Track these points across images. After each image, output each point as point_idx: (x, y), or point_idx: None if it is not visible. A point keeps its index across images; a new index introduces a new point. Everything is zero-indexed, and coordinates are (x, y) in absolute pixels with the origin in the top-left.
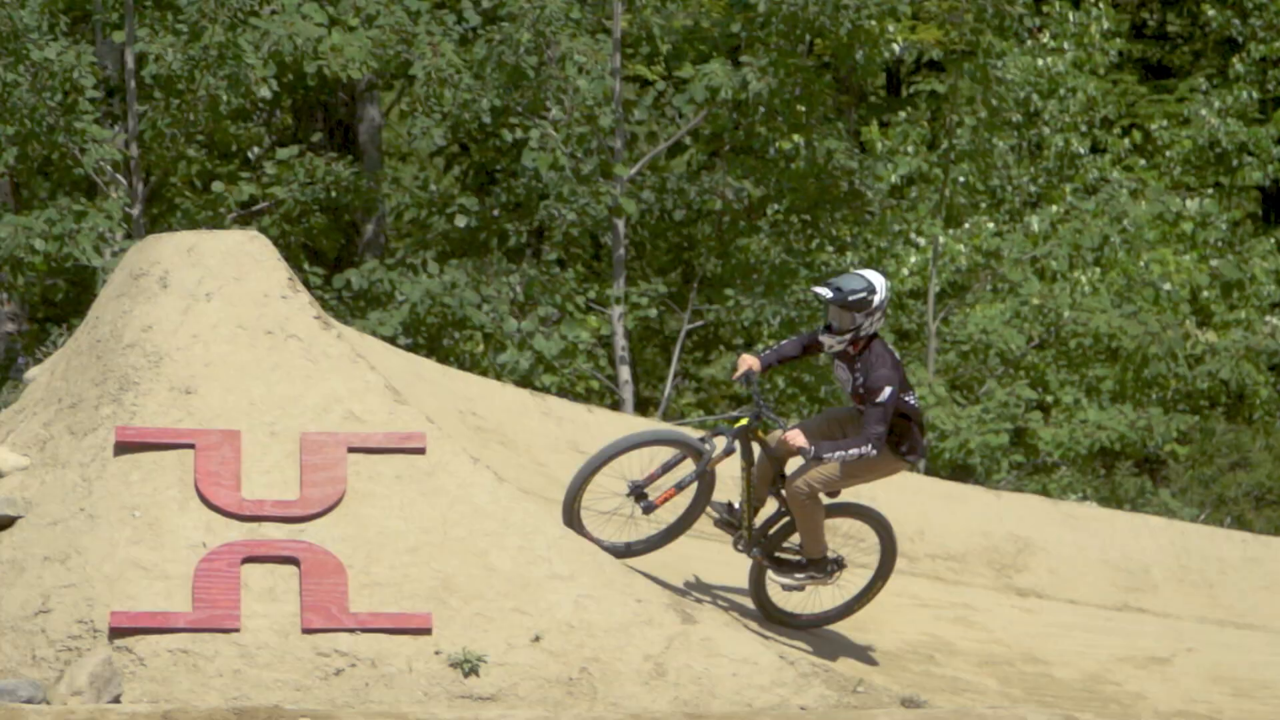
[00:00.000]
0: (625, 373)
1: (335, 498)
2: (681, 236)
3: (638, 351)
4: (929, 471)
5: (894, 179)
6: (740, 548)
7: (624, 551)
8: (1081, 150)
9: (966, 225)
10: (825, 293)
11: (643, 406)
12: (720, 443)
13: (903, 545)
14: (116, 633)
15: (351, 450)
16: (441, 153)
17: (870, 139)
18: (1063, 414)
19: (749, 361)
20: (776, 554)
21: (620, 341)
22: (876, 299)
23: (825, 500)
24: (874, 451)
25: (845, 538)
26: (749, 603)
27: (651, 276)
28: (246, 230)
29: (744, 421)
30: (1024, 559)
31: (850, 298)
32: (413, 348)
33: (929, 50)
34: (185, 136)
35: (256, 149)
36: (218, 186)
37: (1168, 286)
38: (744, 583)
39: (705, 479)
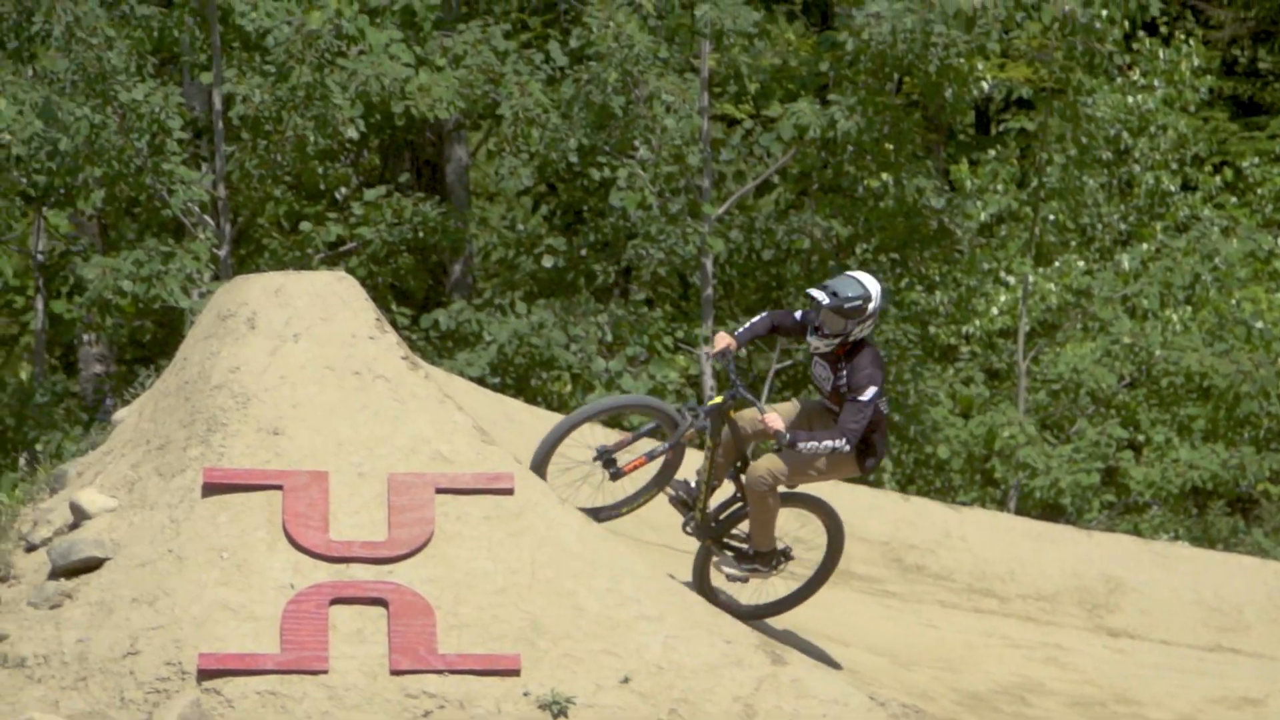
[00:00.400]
0: None
1: (423, 539)
2: (770, 275)
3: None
4: (1019, 511)
5: (983, 217)
6: (690, 529)
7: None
8: (1172, 188)
9: (1057, 264)
10: (821, 297)
11: None
12: (694, 417)
13: (993, 585)
14: (205, 674)
15: (439, 491)
16: (529, 192)
17: (959, 177)
18: (1154, 453)
19: (725, 340)
20: (725, 540)
21: (708, 381)
22: (871, 306)
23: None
24: (847, 447)
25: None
26: (837, 645)
27: (740, 316)
28: (334, 271)
29: (719, 400)
30: (1115, 599)
31: (846, 305)
32: (500, 388)
33: (1018, 88)
34: (272, 177)
35: (344, 189)
36: (305, 227)
37: (1260, 324)
38: (829, 624)
39: (674, 453)
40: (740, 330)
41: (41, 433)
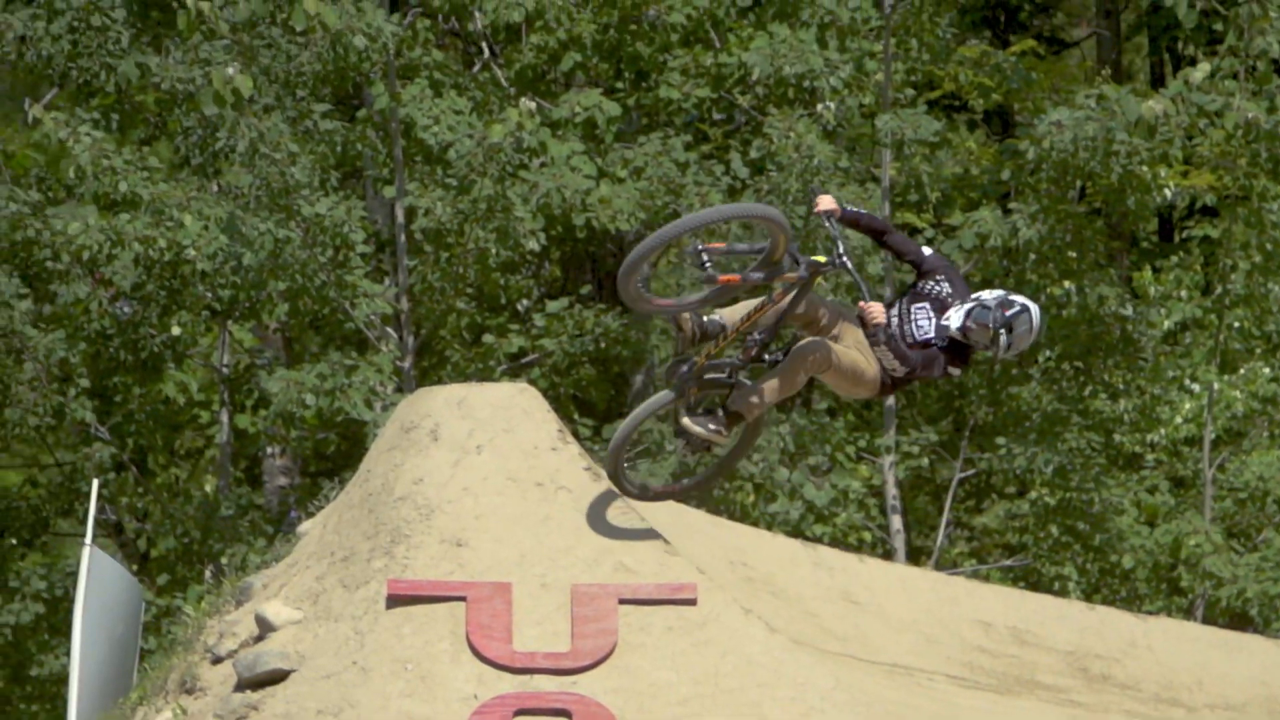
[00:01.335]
0: (897, 522)
1: (606, 649)
2: (952, 385)
3: (909, 500)
4: (1206, 620)
5: (1167, 325)
6: (682, 370)
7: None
8: None
9: (1242, 371)
10: (1003, 341)
11: (915, 556)
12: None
13: (1180, 695)
14: None
15: (623, 602)
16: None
17: (1143, 284)
18: None
19: (831, 203)
20: (703, 393)
21: (891, 490)
22: (1014, 351)
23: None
24: (909, 366)
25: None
26: None
27: (922, 425)
28: (516, 382)
29: (821, 259)
30: None
31: (1006, 351)
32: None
33: (1202, 195)
34: (455, 290)
35: (526, 301)
36: (487, 339)
37: None
38: None
39: (776, 295)
40: (851, 207)
41: (227, 545)
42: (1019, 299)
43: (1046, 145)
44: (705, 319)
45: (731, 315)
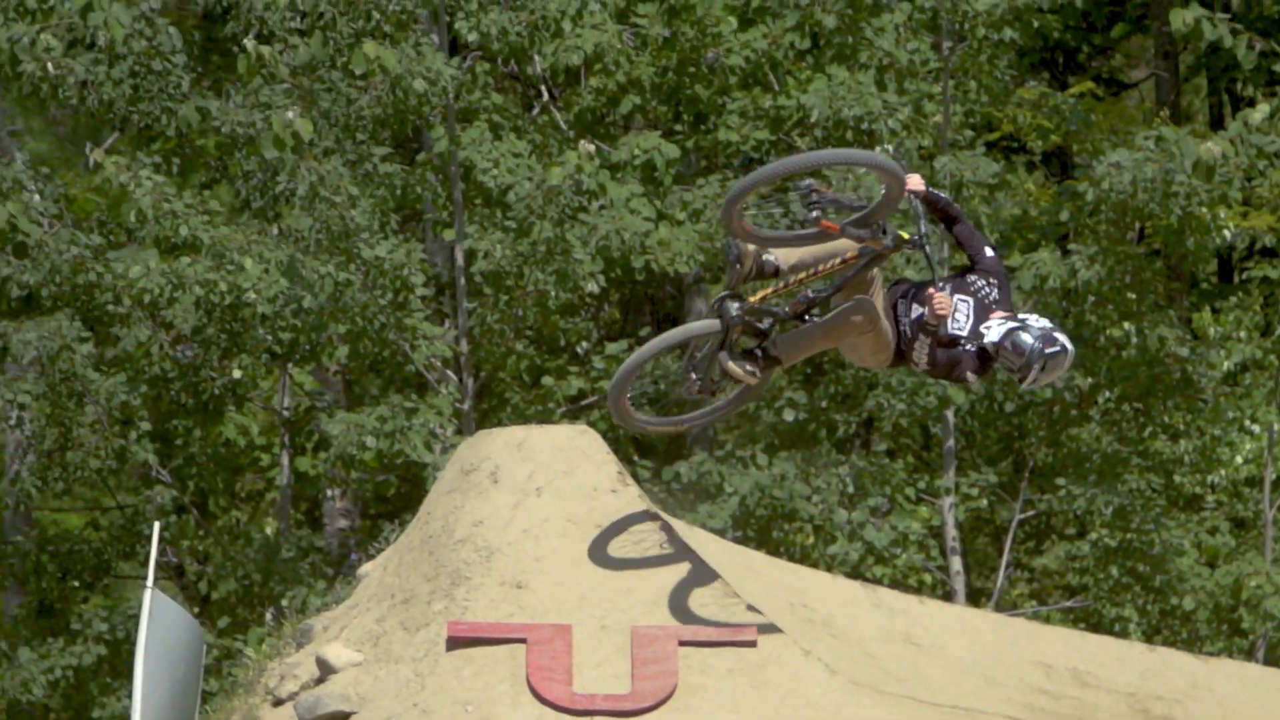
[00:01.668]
0: (957, 563)
1: (667, 691)
2: (1011, 426)
3: (969, 542)
4: (1268, 661)
5: (1227, 366)
6: (734, 307)
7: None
8: None
9: None
10: (1030, 377)
11: (975, 597)
12: (890, 238)
13: None
14: None
15: (683, 643)
16: None
17: (1202, 325)
18: None
19: (920, 184)
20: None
21: (951, 532)
22: (1035, 386)
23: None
24: (934, 365)
25: None
26: None
27: (982, 466)
28: (576, 425)
29: (906, 235)
30: None
31: (1029, 385)
32: (742, 540)
33: (1261, 236)
34: (514, 332)
35: (585, 344)
36: (547, 381)
37: None
38: None
39: (859, 262)
40: (935, 191)
41: (287, 587)
42: (1061, 338)
43: (1105, 186)
44: (764, 257)
45: (788, 259)
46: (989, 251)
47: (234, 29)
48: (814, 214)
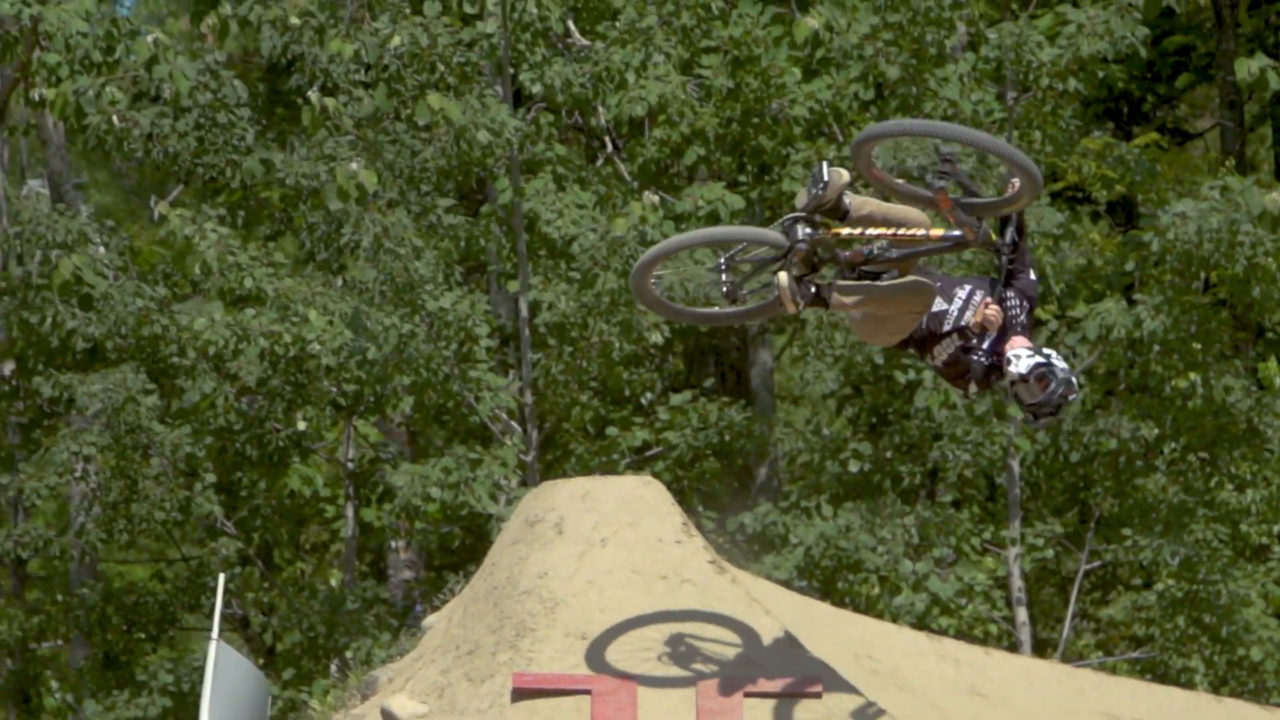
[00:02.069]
0: (1022, 614)
1: None
2: (1077, 476)
3: (1035, 593)
4: None
5: None
6: (806, 232)
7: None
8: None
9: None
10: (1024, 418)
11: (1040, 648)
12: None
13: None
14: None
15: (748, 695)
16: (834, 395)
17: (1268, 375)
18: None
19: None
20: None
21: (1017, 583)
22: (1031, 422)
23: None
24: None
25: None
26: None
27: (1047, 517)
28: (640, 475)
29: (994, 238)
30: None
31: (1029, 421)
32: (807, 591)
33: None
34: (578, 383)
35: (649, 394)
36: (611, 432)
37: None
38: None
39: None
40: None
41: (352, 639)
42: (1077, 392)
43: (1170, 237)
44: (845, 199)
45: (861, 209)
46: (1033, 275)
47: (298, 81)
48: (939, 182)
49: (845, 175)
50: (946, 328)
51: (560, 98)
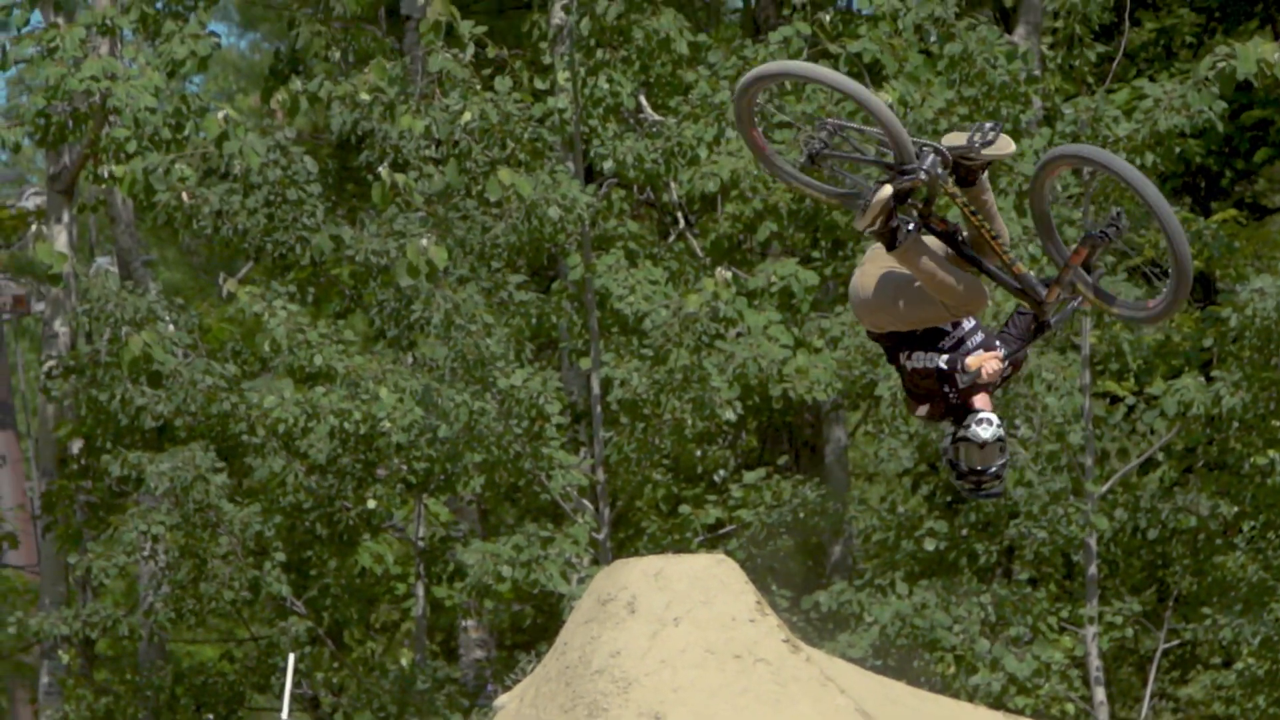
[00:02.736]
0: (1100, 694)
1: None
2: (1155, 554)
3: (1112, 672)
4: None
5: None
6: (926, 169)
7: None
8: None
9: None
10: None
11: None
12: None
13: None
14: None
15: None
16: (909, 473)
17: None
18: None
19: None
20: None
21: (1094, 662)
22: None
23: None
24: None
25: None
26: None
27: (1125, 595)
28: (713, 554)
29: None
30: None
31: (982, 484)
32: (882, 670)
33: None
34: (650, 461)
35: (722, 472)
36: (684, 510)
37: None
38: None
39: None
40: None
41: (423, 719)
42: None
43: (1249, 312)
44: (984, 173)
45: (985, 191)
46: (1027, 350)
47: (368, 157)
48: (1097, 234)
49: (1010, 148)
50: (943, 345)
51: (632, 173)
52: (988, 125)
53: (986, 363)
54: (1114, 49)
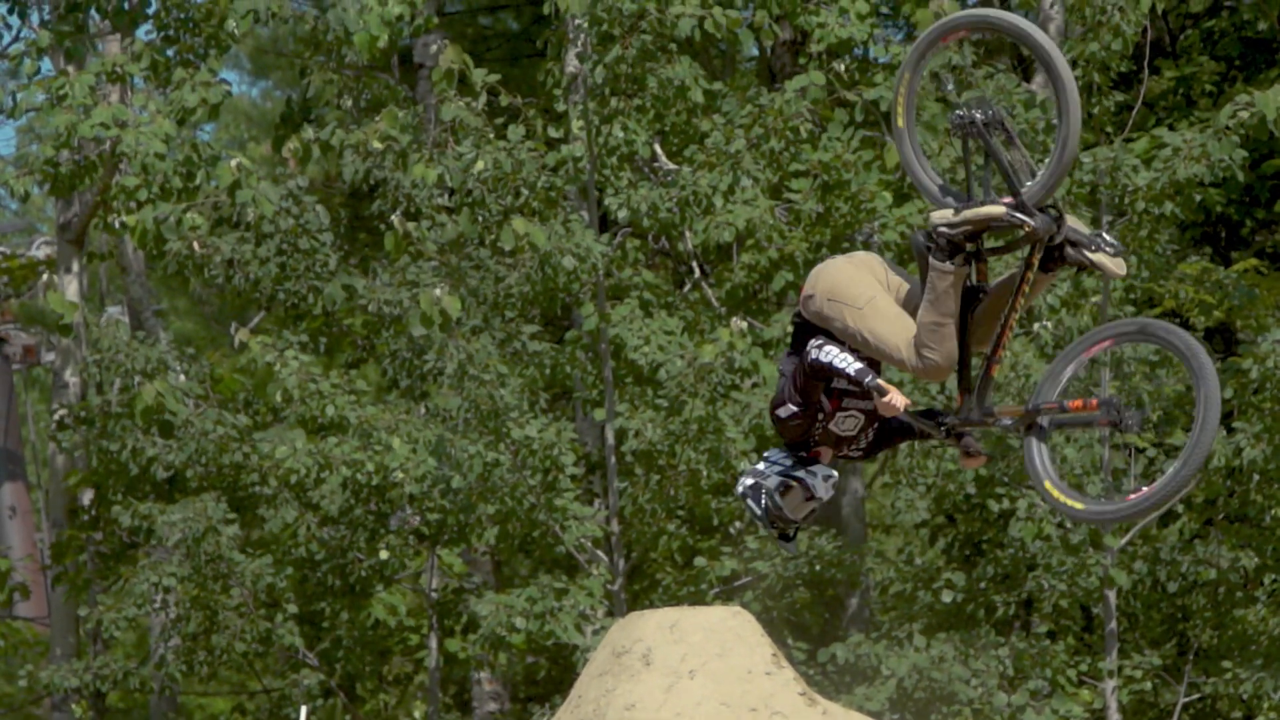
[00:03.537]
0: None
1: None
2: (1175, 607)
3: None
4: None
5: None
6: (1059, 230)
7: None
8: None
9: None
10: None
11: None
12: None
13: None
14: None
15: None
16: (926, 524)
17: None
18: None
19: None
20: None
21: (1114, 716)
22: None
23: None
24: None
25: None
26: None
27: (1145, 648)
28: (729, 606)
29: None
30: None
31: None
32: None
33: None
34: (666, 512)
35: (738, 523)
36: (699, 562)
37: None
38: None
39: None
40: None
41: None
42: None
43: (1270, 364)
44: (1049, 231)
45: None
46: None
47: (381, 206)
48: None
49: (1120, 272)
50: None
51: (646, 222)
52: (1112, 238)
53: (896, 398)
54: (1133, 98)
